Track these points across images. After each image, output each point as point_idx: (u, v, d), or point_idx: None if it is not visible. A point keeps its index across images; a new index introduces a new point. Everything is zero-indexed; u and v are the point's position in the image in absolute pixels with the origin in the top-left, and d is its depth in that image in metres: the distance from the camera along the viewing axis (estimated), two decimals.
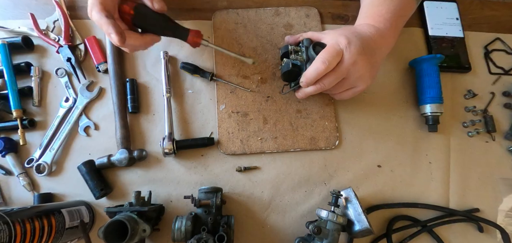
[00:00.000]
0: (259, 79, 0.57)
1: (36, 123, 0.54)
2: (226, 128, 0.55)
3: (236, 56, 0.51)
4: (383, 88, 0.59)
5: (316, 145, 0.55)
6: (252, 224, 0.51)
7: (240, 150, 0.54)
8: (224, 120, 0.55)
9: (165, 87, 0.55)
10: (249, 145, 0.54)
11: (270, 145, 0.54)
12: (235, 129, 0.55)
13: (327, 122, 0.56)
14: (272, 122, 0.55)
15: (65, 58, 0.55)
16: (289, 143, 0.54)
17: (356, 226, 0.45)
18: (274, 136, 0.55)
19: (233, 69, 0.58)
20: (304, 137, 0.55)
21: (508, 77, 0.60)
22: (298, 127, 0.55)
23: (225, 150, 0.54)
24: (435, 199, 0.54)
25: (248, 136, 0.54)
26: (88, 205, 0.51)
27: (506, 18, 0.65)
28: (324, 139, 0.55)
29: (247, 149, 0.54)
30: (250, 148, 0.54)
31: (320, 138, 0.55)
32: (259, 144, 0.54)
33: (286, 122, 0.55)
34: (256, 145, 0.54)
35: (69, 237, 0.45)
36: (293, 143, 0.54)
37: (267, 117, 0.55)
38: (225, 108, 0.56)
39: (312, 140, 0.55)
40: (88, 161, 0.51)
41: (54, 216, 0.42)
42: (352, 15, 0.63)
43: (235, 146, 0.54)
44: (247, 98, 0.56)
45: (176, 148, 0.51)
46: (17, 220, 0.36)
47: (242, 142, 0.54)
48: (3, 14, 0.60)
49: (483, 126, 0.57)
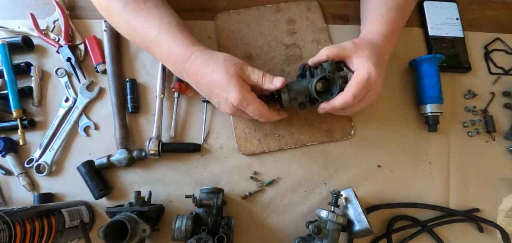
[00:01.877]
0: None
1: (36, 123, 0.54)
2: (242, 129, 0.55)
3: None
4: (383, 88, 0.58)
5: (333, 136, 0.55)
6: (252, 224, 0.51)
7: (259, 149, 0.54)
8: (239, 121, 0.55)
9: (159, 87, 0.55)
10: (267, 143, 0.54)
11: (287, 140, 0.54)
12: (252, 129, 0.55)
13: None
14: (287, 118, 0.55)
15: (65, 58, 0.55)
16: (306, 138, 0.55)
17: (356, 226, 0.45)
18: (291, 132, 0.55)
19: None
20: (320, 130, 0.55)
21: (508, 77, 0.60)
22: (313, 121, 0.55)
23: (244, 150, 0.54)
24: (435, 199, 0.54)
25: (265, 134, 0.54)
26: (88, 205, 0.51)
27: (506, 18, 0.65)
28: (340, 129, 0.55)
29: (266, 147, 0.54)
30: (268, 146, 0.54)
31: (336, 128, 0.55)
32: (277, 141, 0.54)
33: (301, 118, 0.55)
34: (274, 143, 0.54)
35: (69, 237, 0.45)
36: (310, 137, 0.55)
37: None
38: None
39: (328, 131, 0.55)
40: (88, 161, 0.51)
41: (54, 216, 0.42)
42: (352, 15, 0.63)
43: (254, 145, 0.54)
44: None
45: (162, 151, 0.51)
46: (17, 220, 0.36)
47: (260, 140, 0.54)
48: (3, 14, 0.60)
49: (483, 126, 0.57)
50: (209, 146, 0.55)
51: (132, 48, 0.59)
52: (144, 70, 0.58)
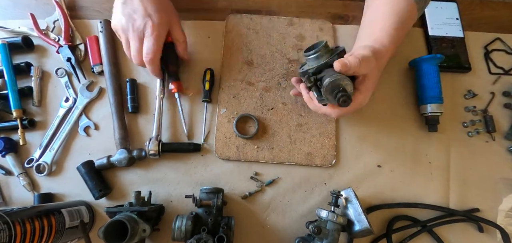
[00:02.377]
0: (263, 87, 0.57)
1: (36, 123, 0.54)
2: (223, 133, 0.54)
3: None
4: (383, 88, 0.59)
5: (312, 161, 0.54)
6: (252, 224, 0.51)
7: (235, 156, 0.53)
8: (223, 124, 0.55)
9: (159, 88, 0.55)
10: (245, 153, 0.54)
11: (265, 154, 0.54)
12: (233, 135, 0.54)
13: (326, 139, 0.55)
14: (271, 132, 0.55)
15: (65, 58, 0.55)
16: (284, 156, 0.54)
17: (356, 226, 0.45)
18: (271, 147, 0.54)
19: (239, 74, 0.57)
20: (301, 151, 0.54)
21: (508, 77, 0.60)
22: (296, 141, 0.55)
23: (220, 154, 0.53)
24: (435, 199, 0.54)
25: (244, 143, 0.54)
26: (88, 205, 0.51)
27: (506, 18, 0.65)
28: (321, 156, 0.54)
29: (242, 156, 0.53)
30: (245, 155, 0.54)
31: (317, 154, 0.54)
32: (255, 153, 0.54)
33: (284, 134, 0.55)
34: (252, 154, 0.54)
35: (69, 237, 0.45)
36: (289, 156, 0.54)
37: (266, 127, 0.55)
38: (226, 112, 0.55)
39: (309, 155, 0.54)
40: (88, 161, 0.51)
41: (54, 216, 0.42)
42: (352, 15, 0.63)
43: (231, 151, 0.54)
44: (249, 105, 0.56)
45: (162, 151, 0.51)
46: (17, 220, 0.36)
47: (238, 148, 0.54)
48: (3, 14, 0.60)
49: (483, 126, 0.57)
50: (209, 146, 0.55)
51: None
52: (144, 70, 0.58)
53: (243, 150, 0.54)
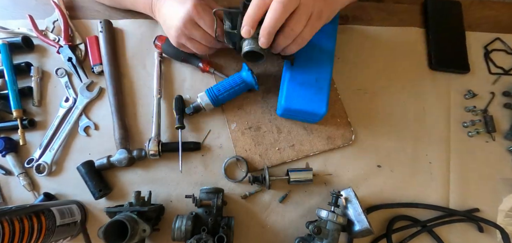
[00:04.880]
0: (263, 90, 0.57)
1: (36, 123, 0.54)
2: (242, 146, 0.54)
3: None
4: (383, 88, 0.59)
5: (334, 143, 0.54)
6: (252, 224, 0.51)
7: (261, 164, 0.53)
8: (239, 139, 0.54)
9: (156, 88, 0.55)
10: (269, 158, 0.53)
11: (289, 153, 0.54)
12: (251, 145, 0.54)
13: (338, 119, 0.55)
14: (286, 130, 0.55)
15: (66, 58, 0.55)
16: (307, 148, 0.54)
17: (356, 226, 0.45)
18: (291, 144, 0.54)
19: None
20: (321, 138, 0.54)
21: (508, 77, 0.60)
22: (312, 130, 0.55)
23: (250, 167, 0.53)
24: (435, 199, 0.53)
25: (266, 149, 0.54)
26: (79, 204, 0.50)
27: (506, 18, 0.65)
28: (340, 136, 0.55)
29: (268, 161, 0.53)
30: (270, 160, 0.53)
31: (336, 135, 0.55)
32: (278, 155, 0.53)
33: (299, 128, 0.55)
34: (276, 157, 0.53)
35: (62, 235, 0.45)
36: (311, 147, 0.54)
37: (280, 127, 0.55)
38: (236, 126, 0.55)
39: (329, 139, 0.54)
40: (87, 161, 0.51)
41: (44, 214, 0.42)
42: (352, 15, 0.63)
43: (255, 161, 0.53)
44: (256, 112, 0.56)
45: (162, 151, 0.51)
46: (5, 219, 0.37)
47: (261, 156, 0.53)
48: (3, 14, 0.60)
49: (483, 126, 0.57)
50: (209, 145, 0.55)
51: (130, 48, 0.59)
52: (144, 70, 0.58)
53: (266, 155, 0.54)
